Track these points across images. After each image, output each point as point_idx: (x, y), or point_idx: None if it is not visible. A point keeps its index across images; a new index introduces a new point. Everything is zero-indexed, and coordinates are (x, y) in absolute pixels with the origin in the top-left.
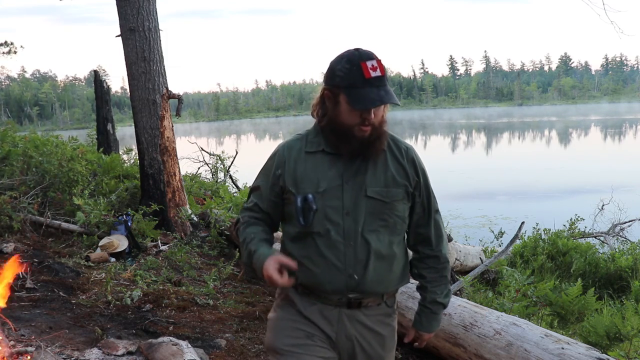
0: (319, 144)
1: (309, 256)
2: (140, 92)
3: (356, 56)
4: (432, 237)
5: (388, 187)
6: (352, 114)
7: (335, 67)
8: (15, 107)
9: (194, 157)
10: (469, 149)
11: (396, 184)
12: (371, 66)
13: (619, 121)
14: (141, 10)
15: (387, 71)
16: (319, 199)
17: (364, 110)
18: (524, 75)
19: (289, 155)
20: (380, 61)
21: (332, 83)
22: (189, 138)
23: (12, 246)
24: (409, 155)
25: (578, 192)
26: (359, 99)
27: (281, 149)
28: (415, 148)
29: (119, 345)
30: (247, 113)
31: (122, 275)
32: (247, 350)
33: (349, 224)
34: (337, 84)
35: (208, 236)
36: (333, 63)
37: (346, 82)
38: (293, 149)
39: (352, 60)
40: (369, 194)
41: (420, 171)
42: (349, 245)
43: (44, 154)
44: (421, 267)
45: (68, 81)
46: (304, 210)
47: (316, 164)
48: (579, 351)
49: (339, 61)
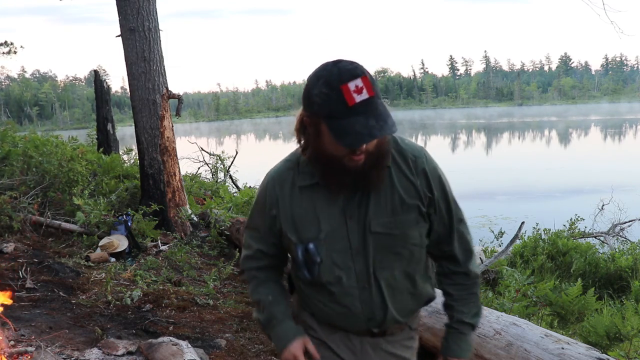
0: (312, 176)
1: (323, 302)
2: (140, 92)
3: (335, 76)
4: (459, 254)
5: (396, 215)
6: (338, 146)
7: (311, 90)
8: (15, 107)
9: (194, 157)
10: (470, 148)
11: (406, 209)
12: (355, 88)
13: (619, 121)
14: (141, 10)
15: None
16: (322, 247)
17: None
18: (524, 75)
19: (281, 192)
20: (367, 77)
21: (310, 110)
22: (189, 138)
23: (12, 246)
24: (419, 165)
25: (578, 192)
26: (343, 134)
27: (271, 182)
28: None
29: (119, 345)
30: (247, 113)
31: (122, 275)
32: (247, 350)
33: (360, 265)
34: (316, 113)
35: (208, 236)
36: (309, 85)
37: (326, 112)
38: (285, 183)
39: (331, 82)
40: (373, 230)
41: (435, 182)
42: (364, 288)
43: (44, 154)
44: (447, 284)
45: (68, 81)
46: (307, 262)
47: (313, 201)
48: (579, 351)
49: (315, 83)
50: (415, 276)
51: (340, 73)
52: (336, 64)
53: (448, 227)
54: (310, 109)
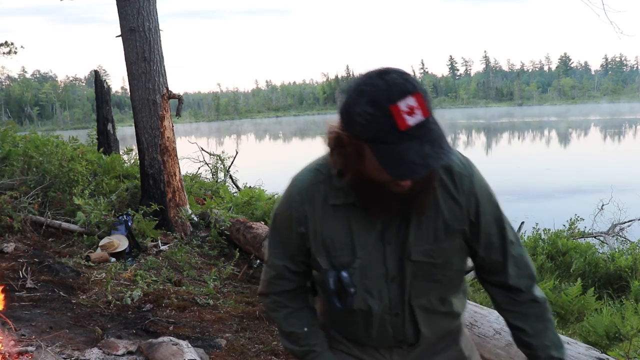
0: (348, 194)
1: (350, 324)
2: (140, 92)
3: (382, 93)
4: (519, 282)
5: (439, 242)
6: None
7: (352, 108)
8: (16, 107)
9: (194, 157)
10: (470, 148)
11: (450, 234)
12: (407, 108)
13: (619, 121)
14: (141, 10)
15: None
16: (356, 275)
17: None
18: (524, 76)
19: (310, 209)
20: (421, 94)
21: (352, 132)
22: (189, 138)
23: (12, 246)
24: (466, 184)
25: (578, 192)
26: (393, 163)
27: (298, 196)
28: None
29: (119, 345)
30: (247, 113)
31: (123, 275)
32: (247, 350)
33: (394, 293)
34: (358, 135)
35: (208, 236)
36: (349, 101)
37: (371, 136)
38: (315, 198)
39: (377, 101)
40: (414, 258)
41: (485, 205)
42: (396, 315)
43: (44, 154)
44: (515, 317)
45: (68, 81)
46: (338, 292)
47: (348, 222)
48: (579, 351)
49: (356, 99)
50: (451, 298)
51: (389, 89)
52: (383, 76)
53: (501, 254)
54: (351, 129)
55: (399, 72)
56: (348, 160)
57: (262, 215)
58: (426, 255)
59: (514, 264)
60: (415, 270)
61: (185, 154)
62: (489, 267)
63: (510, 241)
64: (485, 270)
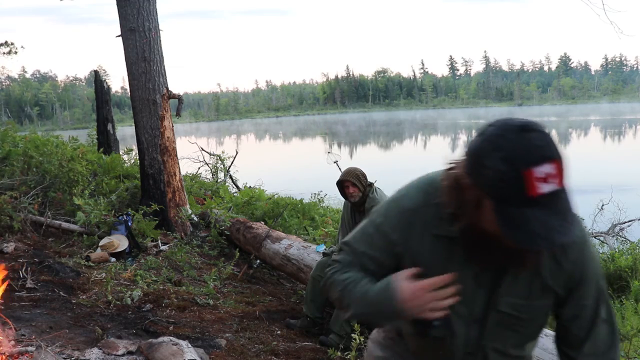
0: (451, 227)
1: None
2: (140, 92)
3: (520, 153)
4: (598, 350)
5: (531, 299)
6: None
7: (484, 160)
8: (16, 107)
9: (194, 157)
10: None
11: (545, 294)
12: (543, 175)
13: (621, 121)
14: (141, 10)
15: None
16: None
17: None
18: (524, 76)
19: (413, 233)
20: (560, 161)
21: (476, 181)
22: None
23: (12, 246)
24: (575, 252)
25: (578, 192)
26: (513, 228)
27: (404, 216)
28: (586, 232)
29: (119, 345)
30: (247, 113)
31: (123, 275)
32: (247, 350)
33: (472, 334)
34: (483, 188)
35: (208, 236)
36: (480, 150)
37: (497, 193)
38: (419, 223)
39: (513, 160)
40: (500, 309)
41: (588, 276)
42: (469, 354)
43: (44, 154)
44: None
45: (68, 81)
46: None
47: (446, 255)
48: None
49: (489, 151)
50: (526, 345)
51: (528, 151)
52: (524, 133)
53: (586, 330)
54: (477, 179)
55: (541, 132)
56: (464, 206)
57: (262, 215)
58: (514, 308)
59: (593, 345)
60: (499, 319)
61: (185, 154)
62: (566, 337)
63: (603, 319)
64: (561, 337)
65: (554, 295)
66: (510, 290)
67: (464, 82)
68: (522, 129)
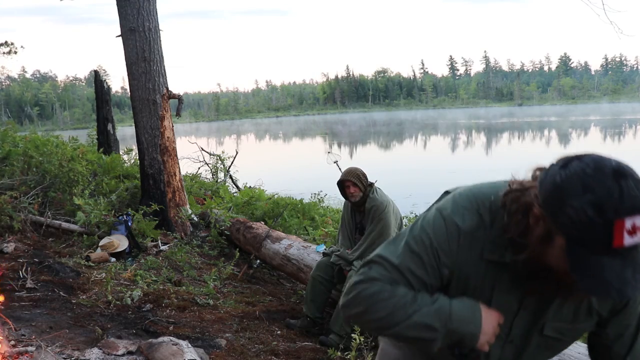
0: (502, 252)
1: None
2: (140, 92)
3: (613, 201)
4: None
5: (576, 322)
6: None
7: (569, 199)
8: (16, 107)
9: (194, 157)
10: (470, 148)
11: (588, 316)
12: (631, 227)
13: (622, 121)
14: (141, 10)
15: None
16: None
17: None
18: (524, 76)
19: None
20: None
21: (553, 216)
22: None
23: (12, 246)
24: None
25: None
26: (585, 273)
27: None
28: None
29: (119, 345)
30: (247, 113)
31: (123, 275)
32: (247, 350)
33: (507, 353)
34: (559, 225)
35: (208, 236)
36: (567, 188)
37: (575, 235)
38: (471, 248)
39: (603, 207)
40: (545, 333)
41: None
42: None
43: (44, 154)
44: None
45: (68, 81)
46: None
47: (495, 279)
48: (579, 351)
49: (577, 191)
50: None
51: (622, 200)
52: (619, 179)
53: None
54: (555, 216)
55: (635, 179)
56: (529, 237)
57: (262, 215)
58: (558, 332)
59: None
60: (541, 342)
61: (185, 154)
62: (606, 354)
63: None
64: (600, 353)
65: (598, 317)
66: (556, 314)
67: (464, 82)
68: (618, 173)
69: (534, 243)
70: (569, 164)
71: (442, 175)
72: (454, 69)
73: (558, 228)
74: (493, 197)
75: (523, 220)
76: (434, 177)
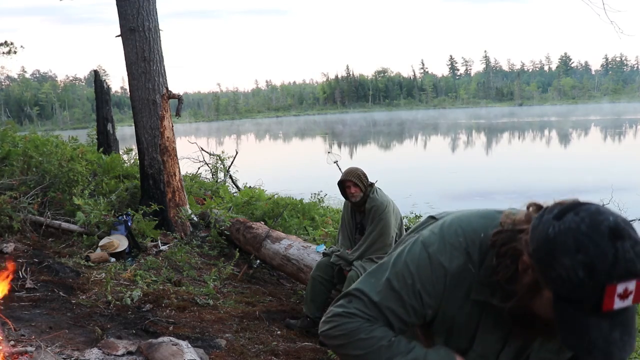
0: (491, 292)
1: None
2: (140, 92)
3: (607, 266)
4: None
5: (562, 353)
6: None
7: (558, 254)
8: (15, 107)
9: (194, 157)
10: (470, 148)
11: None
12: (622, 292)
13: (623, 121)
14: (141, 10)
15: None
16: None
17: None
18: (524, 75)
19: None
20: None
21: (543, 271)
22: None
23: (12, 246)
24: None
25: (578, 192)
26: (571, 332)
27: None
28: None
29: (119, 345)
30: (247, 113)
31: (122, 275)
32: (247, 350)
33: None
34: (548, 280)
35: (208, 236)
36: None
37: (564, 294)
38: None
39: (595, 270)
40: None
41: None
42: None
43: (44, 154)
44: None
45: (68, 81)
46: None
47: (479, 317)
48: None
49: (569, 250)
50: None
51: (616, 264)
52: (615, 240)
53: None
54: (544, 271)
55: (632, 240)
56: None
57: (262, 215)
58: None
59: None
60: None
61: (185, 154)
62: None
63: None
64: None
65: None
66: (541, 347)
67: (464, 82)
68: (614, 233)
69: (522, 291)
70: (564, 215)
71: (442, 175)
72: (454, 69)
73: (546, 282)
74: (483, 235)
75: (512, 266)
76: (434, 177)
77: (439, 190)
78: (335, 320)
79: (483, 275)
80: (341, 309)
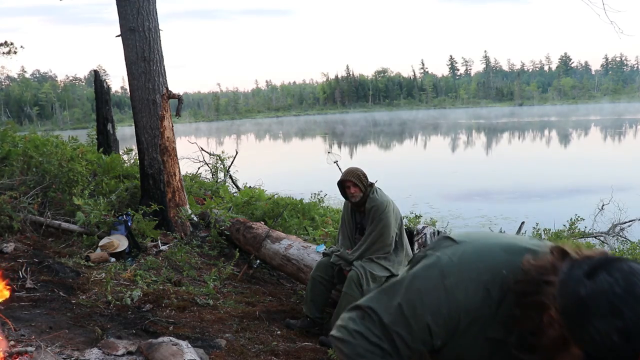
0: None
1: None
2: (140, 92)
3: None
4: None
5: None
6: None
7: (591, 316)
8: (15, 107)
9: (194, 157)
10: (470, 148)
11: None
12: None
13: (623, 121)
14: (141, 10)
15: None
16: None
17: None
18: (524, 75)
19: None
20: None
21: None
22: (189, 138)
23: (12, 246)
24: None
25: (578, 192)
26: None
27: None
28: None
29: (119, 345)
30: (247, 113)
31: (122, 275)
32: (247, 350)
33: None
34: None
35: (208, 236)
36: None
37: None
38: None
39: (632, 336)
40: None
41: None
42: None
43: (44, 154)
44: None
45: (68, 81)
46: None
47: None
48: None
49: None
50: None
51: None
52: None
53: None
54: (574, 330)
55: None
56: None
57: (262, 215)
58: None
59: None
60: None
61: (185, 154)
62: None
63: None
64: None
65: None
66: None
67: (464, 82)
68: None
69: (547, 344)
70: (596, 274)
71: (442, 175)
72: (454, 69)
73: (576, 342)
74: (505, 272)
75: (536, 318)
76: (434, 177)
77: (439, 190)
78: (346, 332)
79: (501, 314)
80: (353, 324)
